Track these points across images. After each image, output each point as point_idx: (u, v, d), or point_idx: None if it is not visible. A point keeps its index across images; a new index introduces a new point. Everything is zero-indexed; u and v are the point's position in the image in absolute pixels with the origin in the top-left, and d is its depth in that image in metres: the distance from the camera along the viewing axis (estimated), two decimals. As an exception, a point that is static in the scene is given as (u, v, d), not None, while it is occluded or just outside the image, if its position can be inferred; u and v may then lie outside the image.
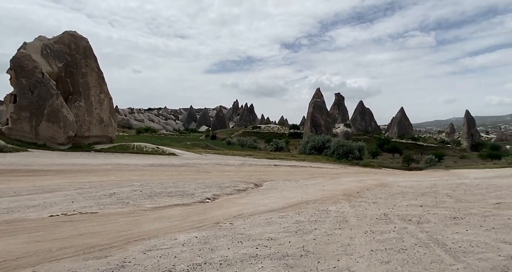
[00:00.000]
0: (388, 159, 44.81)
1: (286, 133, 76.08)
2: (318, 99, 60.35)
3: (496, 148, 53.91)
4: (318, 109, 60.17)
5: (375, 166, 32.05)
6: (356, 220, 4.12)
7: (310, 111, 60.84)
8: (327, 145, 35.57)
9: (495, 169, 19.22)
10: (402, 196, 6.14)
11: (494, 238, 3.05)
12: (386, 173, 19.87)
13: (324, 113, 62.85)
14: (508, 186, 6.65)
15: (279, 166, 21.58)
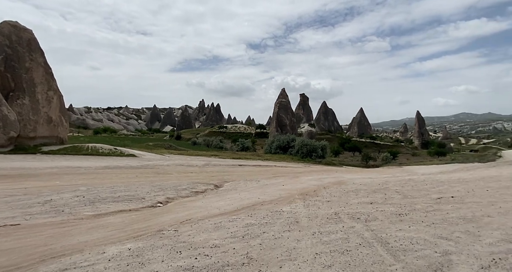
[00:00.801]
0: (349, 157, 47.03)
1: (252, 133, 76.39)
2: (284, 99, 61.40)
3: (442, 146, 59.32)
4: (283, 109, 61.21)
5: (337, 164, 33.37)
6: (307, 220, 4.04)
7: (276, 111, 61.70)
8: (292, 145, 36.30)
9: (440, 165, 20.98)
10: (355, 193, 6.27)
11: (433, 234, 3.13)
12: (346, 171, 20.68)
13: (289, 113, 64.13)
14: (449, 181, 7.13)
15: (244, 166, 21.42)
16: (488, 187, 5.94)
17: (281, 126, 61.47)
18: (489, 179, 6.82)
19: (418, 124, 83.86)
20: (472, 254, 2.53)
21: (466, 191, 5.74)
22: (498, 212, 3.94)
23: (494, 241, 2.81)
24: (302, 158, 32.37)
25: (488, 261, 2.36)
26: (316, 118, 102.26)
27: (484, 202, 4.60)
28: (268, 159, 29.25)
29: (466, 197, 5.15)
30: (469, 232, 3.13)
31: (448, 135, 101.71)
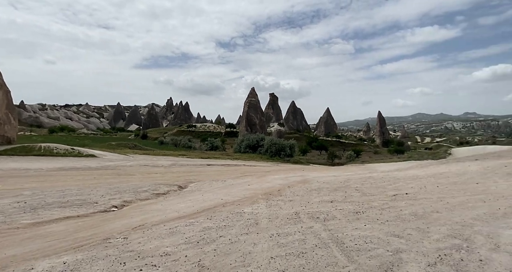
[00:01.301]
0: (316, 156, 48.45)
1: (222, 132, 75.72)
2: (253, 99, 61.54)
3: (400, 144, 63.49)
4: (253, 108, 61.35)
5: (304, 162, 34.17)
6: (267, 221, 3.95)
7: (246, 110, 61.66)
8: (261, 144, 36.51)
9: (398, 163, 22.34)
10: (317, 192, 6.34)
11: (386, 232, 3.19)
12: (313, 169, 21.17)
13: (259, 113, 64.47)
14: (405, 178, 7.52)
15: (212, 165, 21.03)
16: (438, 183, 6.33)
17: (251, 125, 61.59)
18: (439, 176, 7.30)
19: (380, 124, 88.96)
20: (421, 251, 2.59)
21: (419, 187, 6.06)
22: (445, 207, 4.17)
23: (440, 237, 2.92)
24: (271, 157, 32.69)
25: (434, 258, 2.42)
26: (285, 118, 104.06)
27: (434, 198, 4.86)
28: (237, 158, 29.07)
29: (418, 193, 5.42)
30: (419, 229, 3.23)
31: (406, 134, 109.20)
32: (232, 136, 67.12)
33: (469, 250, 2.56)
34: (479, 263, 2.29)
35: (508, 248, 2.56)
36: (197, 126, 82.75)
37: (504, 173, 6.41)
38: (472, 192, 5.08)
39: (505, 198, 4.46)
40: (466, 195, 4.88)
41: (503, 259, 2.33)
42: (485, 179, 6.13)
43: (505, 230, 3.05)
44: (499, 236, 2.86)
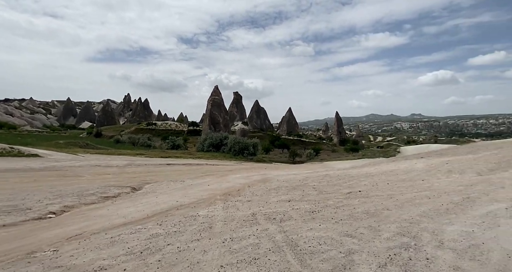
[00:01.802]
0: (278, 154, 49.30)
1: (185, 130, 73.55)
2: (217, 97, 60.65)
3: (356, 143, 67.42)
4: (216, 106, 60.46)
5: (267, 161, 34.51)
6: (222, 225, 3.74)
7: (209, 109, 60.56)
8: (225, 142, 36.06)
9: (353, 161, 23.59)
10: (276, 191, 6.28)
11: (340, 232, 3.17)
12: (275, 168, 21.39)
13: (223, 111, 63.76)
14: (358, 175, 7.82)
15: (173, 165, 20.17)
16: (389, 180, 6.66)
17: (214, 124, 60.69)
18: (390, 173, 7.71)
19: (337, 124, 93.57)
20: (372, 251, 2.58)
21: (371, 185, 6.31)
22: (395, 204, 4.33)
23: (390, 236, 2.97)
24: (234, 155, 32.46)
25: (385, 258, 2.42)
26: (249, 116, 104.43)
27: (385, 195, 5.05)
28: (200, 158, 28.31)
29: (371, 191, 5.62)
30: (371, 227, 3.27)
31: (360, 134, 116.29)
32: (195, 134, 65.44)
33: (417, 248, 2.61)
34: (425, 261, 2.33)
35: (451, 244, 2.66)
36: (157, 124, 79.28)
37: (446, 170, 6.96)
38: (418, 189, 5.39)
39: (447, 194, 4.78)
40: (413, 192, 5.16)
41: (447, 257, 2.40)
42: (430, 176, 6.60)
43: (448, 226, 3.21)
44: (443, 233, 2.99)
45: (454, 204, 4.08)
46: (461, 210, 3.78)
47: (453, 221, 3.37)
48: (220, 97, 61.65)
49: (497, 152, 8.30)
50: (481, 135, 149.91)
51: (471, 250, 2.54)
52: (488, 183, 5.18)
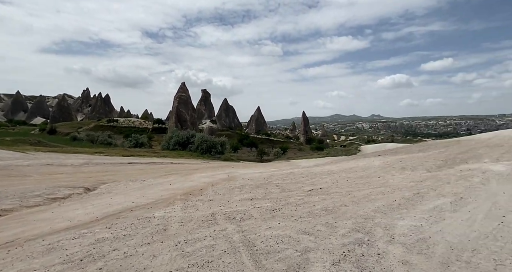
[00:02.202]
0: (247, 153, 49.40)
1: (149, 128, 70.71)
2: (184, 94, 59.02)
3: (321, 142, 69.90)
4: (183, 104, 58.84)
5: (235, 159, 34.31)
6: (178, 226, 3.54)
7: (175, 106, 58.74)
8: (192, 141, 35.16)
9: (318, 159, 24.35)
10: (240, 190, 6.18)
11: (298, 229, 3.14)
12: (242, 166, 21.29)
13: (190, 109, 62.26)
14: (321, 173, 8.00)
15: (135, 164, 19.16)
16: (348, 177, 6.88)
17: (181, 122, 59.05)
18: (350, 170, 8.00)
19: (304, 123, 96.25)
20: (327, 249, 2.57)
21: (332, 182, 6.46)
22: (352, 201, 4.44)
23: (346, 232, 3.00)
24: (201, 154, 31.79)
25: (339, 255, 2.42)
26: (218, 115, 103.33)
27: (343, 192, 5.18)
28: (165, 156, 27.26)
29: (331, 187, 5.75)
30: (328, 224, 3.29)
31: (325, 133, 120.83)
32: (161, 132, 63.10)
33: (370, 244, 2.66)
34: (377, 257, 2.37)
35: (401, 239, 2.75)
36: (119, 120, 75.22)
37: (400, 167, 7.38)
38: (374, 185, 5.62)
39: (400, 189, 5.03)
40: (369, 188, 5.36)
41: (396, 251, 2.47)
42: (385, 173, 6.93)
43: (399, 220, 3.33)
44: (394, 227, 3.09)
45: (405, 200, 4.28)
46: (412, 205, 3.98)
47: (404, 216, 3.52)
48: (187, 94, 60.09)
49: (444, 151, 9.01)
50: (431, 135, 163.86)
51: (418, 244, 2.64)
52: (436, 179, 5.55)
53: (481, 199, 4.01)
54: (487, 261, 2.24)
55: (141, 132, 54.92)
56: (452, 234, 2.83)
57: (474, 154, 7.80)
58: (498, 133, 12.08)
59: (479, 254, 2.38)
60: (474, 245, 2.56)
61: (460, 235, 2.79)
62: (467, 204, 3.84)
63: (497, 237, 2.70)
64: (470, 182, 5.03)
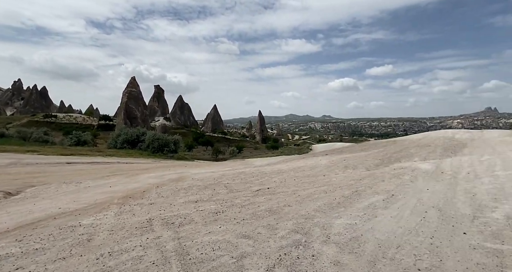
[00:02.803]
0: (202, 152, 48.33)
1: (94, 124, 65.03)
2: (134, 89, 55.48)
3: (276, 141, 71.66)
4: (133, 99, 55.31)
5: (189, 158, 33.22)
6: (107, 235, 3.18)
7: (124, 102, 54.96)
8: (142, 139, 33.14)
9: (271, 158, 24.80)
10: (186, 191, 5.89)
11: (238, 233, 3.04)
12: (195, 165, 20.67)
13: (141, 105, 58.82)
14: (271, 172, 8.08)
15: (75, 164, 17.29)
16: (296, 176, 7.04)
17: (131, 118, 55.47)
18: (298, 169, 8.21)
19: (260, 122, 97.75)
20: (264, 253, 2.51)
21: (280, 181, 6.54)
22: (296, 200, 4.50)
23: (285, 233, 2.99)
24: (152, 153, 30.14)
25: (274, 260, 2.37)
26: (172, 112, 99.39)
27: (289, 191, 5.25)
28: (111, 155, 25.17)
29: (278, 187, 5.79)
30: (269, 226, 3.25)
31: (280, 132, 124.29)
32: (108, 129, 58.46)
33: (306, 245, 2.66)
34: (311, 259, 2.37)
35: (336, 238, 2.81)
36: (58, 116, 67.90)
37: (343, 166, 7.80)
38: (319, 184, 5.81)
39: (341, 188, 5.27)
40: (314, 187, 5.52)
41: (330, 252, 2.50)
42: (330, 172, 7.25)
43: (336, 219, 3.44)
44: (331, 227, 3.17)
45: (344, 198, 4.48)
46: (349, 203, 4.16)
47: (341, 214, 3.65)
48: (137, 89, 56.62)
49: (382, 150, 9.79)
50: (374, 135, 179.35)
51: (351, 243, 2.72)
52: (373, 177, 5.95)
53: (409, 195, 4.36)
54: (408, 257, 2.38)
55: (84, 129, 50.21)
56: (381, 231, 2.99)
57: (406, 153, 8.60)
58: (427, 134, 13.57)
59: (403, 250, 2.53)
60: (399, 241, 2.72)
61: (388, 232, 2.96)
62: (397, 201, 4.14)
63: (419, 232, 2.92)
64: (401, 180, 5.48)
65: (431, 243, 2.64)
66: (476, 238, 2.70)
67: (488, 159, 6.83)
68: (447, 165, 6.51)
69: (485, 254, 2.40)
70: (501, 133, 12.32)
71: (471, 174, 5.54)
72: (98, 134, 49.73)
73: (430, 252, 2.47)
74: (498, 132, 13.17)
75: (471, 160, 6.90)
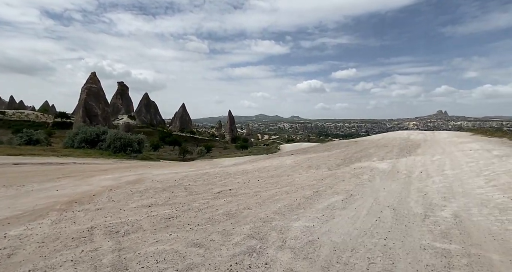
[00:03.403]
0: (169, 151, 46.65)
1: (49, 122, 59.97)
2: (94, 85, 51.96)
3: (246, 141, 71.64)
4: (94, 96, 51.82)
5: (154, 159, 31.77)
6: (34, 249, 2.75)
7: (83, 98, 51.28)
8: (103, 138, 31.10)
9: (239, 158, 24.61)
10: (141, 194, 5.48)
11: (189, 241, 2.80)
12: (159, 166, 19.77)
13: (102, 102, 55.31)
14: (236, 173, 7.88)
15: (23, 165, 15.58)
16: (260, 177, 6.91)
17: (91, 116, 51.93)
18: (263, 170, 8.11)
19: (230, 122, 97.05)
20: (214, 263, 2.31)
21: (243, 182, 6.37)
22: (257, 202, 4.36)
23: (240, 239, 2.81)
24: (114, 153, 28.37)
25: (224, 270, 2.17)
26: (137, 110, 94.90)
27: (251, 193, 5.09)
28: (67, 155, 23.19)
29: (241, 188, 5.61)
30: (224, 232, 3.05)
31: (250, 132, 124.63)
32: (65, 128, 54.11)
33: (260, 252, 2.51)
34: (263, 268, 2.22)
35: (292, 243, 2.69)
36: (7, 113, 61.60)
37: (307, 166, 7.84)
38: (281, 185, 5.73)
39: (303, 188, 5.23)
40: (276, 188, 5.42)
41: (284, 258, 2.37)
42: (294, 172, 7.24)
43: (294, 222, 3.33)
44: (289, 230, 3.06)
45: (305, 199, 4.42)
46: (310, 204, 4.10)
47: (300, 216, 3.56)
48: (98, 85, 53.16)
49: (344, 150, 10.05)
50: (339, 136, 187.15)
51: (307, 247, 2.62)
52: (334, 177, 6.01)
53: (366, 195, 4.42)
54: (362, 261, 2.32)
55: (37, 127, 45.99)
56: (338, 233, 2.93)
57: (366, 153, 8.90)
58: (385, 135, 14.27)
59: (357, 253, 2.47)
60: (354, 243, 2.68)
61: (344, 234, 2.91)
62: (355, 201, 4.16)
63: (373, 234, 2.90)
64: (360, 179, 5.59)
65: (385, 245, 2.63)
66: (427, 238, 2.74)
67: (438, 159, 7.26)
68: (402, 165, 6.81)
69: (434, 254, 2.42)
70: (449, 134, 13.35)
71: (424, 173, 5.82)
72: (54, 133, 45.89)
73: (383, 255, 2.44)
74: (447, 133, 14.26)
75: (424, 159, 7.30)
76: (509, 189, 4.09)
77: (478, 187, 4.42)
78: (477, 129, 17.67)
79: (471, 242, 2.60)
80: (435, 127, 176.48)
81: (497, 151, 7.18)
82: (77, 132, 33.68)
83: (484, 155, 6.99)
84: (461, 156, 7.19)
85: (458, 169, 5.86)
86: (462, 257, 2.36)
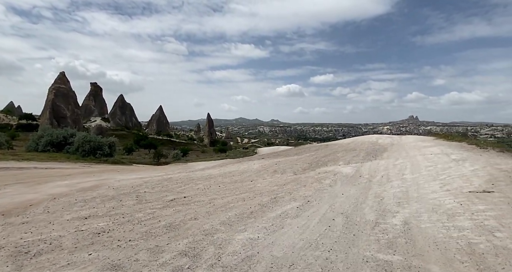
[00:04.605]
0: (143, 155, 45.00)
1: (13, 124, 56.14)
2: (63, 86, 49.37)
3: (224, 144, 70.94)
4: (62, 97, 49.19)
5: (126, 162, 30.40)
6: None
7: (51, 99, 48.55)
8: (71, 141, 29.34)
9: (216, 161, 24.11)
10: (85, 204, 4.97)
11: (108, 262, 2.44)
12: (129, 170, 18.83)
13: (72, 103, 52.67)
14: (199, 178, 7.52)
15: (-27, 171, 14.24)
16: (223, 182, 6.59)
17: (58, 118, 49.25)
18: (228, 174, 7.80)
19: (208, 125, 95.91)
20: (121, 290, 1.96)
21: (204, 188, 6.01)
22: (207, 211, 4.03)
23: (170, 258, 2.48)
24: (82, 156, 26.81)
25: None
26: (112, 112, 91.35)
27: (206, 200, 4.76)
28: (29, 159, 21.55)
29: (197, 195, 5.26)
30: (156, 249, 2.70)
31: (229, 135, 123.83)
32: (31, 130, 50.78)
33: (184, 273, 2.19)
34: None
35: (227, 260, 2.41)
36: (-38, 113, 57.01)
37: (273, 170, 7.63)
38: (241, 191, 5.44)
39: (261, 194, 4.97)
40: (234, 194, 5.13)
41: (205, 281, 2.07)
42: (258, 177, 6.99)
43: (239, 234, 3.05)
44: (229, 244, 2.77)
45: (260, 206, 4.16)
46: (262, 212, 3.84)
47: (248, 226, 3.29)
48: (67, 86, 50.61)
49: (313, 154, 9.97)
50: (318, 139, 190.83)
51: (242, 264, 2.34)
52: (297, 182, 5.81)
53: (323, 201, 4.23)
54: (295, 280, 2.07)
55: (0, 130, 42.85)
56: (281, 246, 2.68)
57: (334, 157, 8.84)
58: (355, 139, 14.45)
59: (294, 270, 2.23)
60: (295, 258, 2.43)
61: (288, 247, 2.66)
62: (310, 207, 3.96)
63: (319, 245, 2.68)
64: (322, 184, 5.43)
65: (327, 258, 2.41)
66: (372, 249, 2.56)
67: (401, 162, 7.31)
68: (366, 169, 6.76)
69: (375, 268, 2.23)
70: (415, 139, 13.73)
71: (384, 177, 5.77)
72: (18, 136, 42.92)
73: (322, 270, 2.21)
74: (414, 137, 14.68)
75: (387, 163, 7.32)
76: (460, 193, 4.06)
77: (432, 191, 4.37)
78: (440, 134, 18.44)
79: (414, 252, 2.44)
80: (407, 132, 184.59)
81: (455, 155, 7.35)
82: (42, 135, 31.61)
83: (442, 159, 7.12)
84: (422, 160, 7.28)
85: (417, 173, 5.87)
86: (402, 270, 2.18)
